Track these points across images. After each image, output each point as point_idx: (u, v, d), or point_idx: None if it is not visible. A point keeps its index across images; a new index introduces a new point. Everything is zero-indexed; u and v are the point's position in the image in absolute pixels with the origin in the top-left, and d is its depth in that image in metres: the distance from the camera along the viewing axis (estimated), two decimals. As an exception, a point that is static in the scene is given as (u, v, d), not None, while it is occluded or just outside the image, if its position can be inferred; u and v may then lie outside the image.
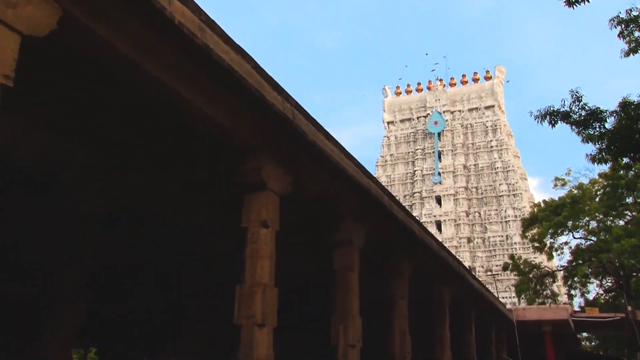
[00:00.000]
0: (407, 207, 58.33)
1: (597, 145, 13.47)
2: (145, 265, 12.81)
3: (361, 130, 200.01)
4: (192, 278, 12.40)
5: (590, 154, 13.93)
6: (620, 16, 13.51)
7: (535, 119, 13.69)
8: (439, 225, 59.37)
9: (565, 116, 13.45)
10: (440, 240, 54.40)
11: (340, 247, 9.29)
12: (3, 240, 10.47)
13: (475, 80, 68.24)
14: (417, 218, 56.75)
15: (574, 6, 12.34)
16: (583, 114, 13.35)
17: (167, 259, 12.25)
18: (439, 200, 60.60)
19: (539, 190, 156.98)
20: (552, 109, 13.61)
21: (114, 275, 13.09)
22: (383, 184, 60.79)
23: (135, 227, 10.39)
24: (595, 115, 13.24)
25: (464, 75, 69.36)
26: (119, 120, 6.74)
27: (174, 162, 7.85)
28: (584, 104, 13.41)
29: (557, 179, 36.50)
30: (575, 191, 33.59)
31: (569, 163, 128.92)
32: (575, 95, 13.50)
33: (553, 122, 13.61)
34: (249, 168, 6.87)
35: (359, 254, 9.47)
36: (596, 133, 13.42)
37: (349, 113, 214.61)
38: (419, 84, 71.45)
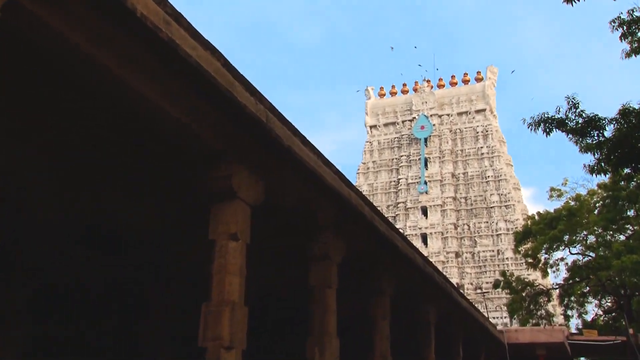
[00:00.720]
0: (390, 219, 58.68)
1: (596, 155, 13.63)
2: (101, 283, 12.68)
3: (341, 135, 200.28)
4: (154, 296, 12.30)
5: (589, 165, 14.10)
6: (622, 17, 13.72)
7: (528, 127, 13.84)
8: (424, 238, 59.65)
9: (560, 124, 13.61)
10: (426, 254, 54.72)
11: (317, 261, 9.29)
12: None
13: (466, 81, 68.80)
14: (401, 230, 56.96)
15: (573, 2, 12.50)
16: (580, 122, 13.52)
17: (127, 276, 12.15)
18: (424, 212, 60.90)
19: (533, 202, 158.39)
20: (546, 116, 13.76)
21: (65, 295, 12.94)
22: (365, 193, 61.05)
23: (91, 241, 10.29)
24: (594, 123, 13.41)
25: (453, 76, 69.90)
26: (73, 123, 6.67)
27: (135, 169, 7.80)
28: (581, 110, 13.58)
29: (552, 189, 36.84)
30: (572, 203, 33.91)
31: (565, 172, 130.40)
32: (572, 101, 13.66)
33: (547, 130, 13.76)
34: (218, 175, 6.85)
35: (337, 269, 9.47)
36: (594, 142, 13.58)
37: (329, 116, 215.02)
38: (404, 85, 71.83)
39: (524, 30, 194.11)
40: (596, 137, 13.60)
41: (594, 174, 14.10)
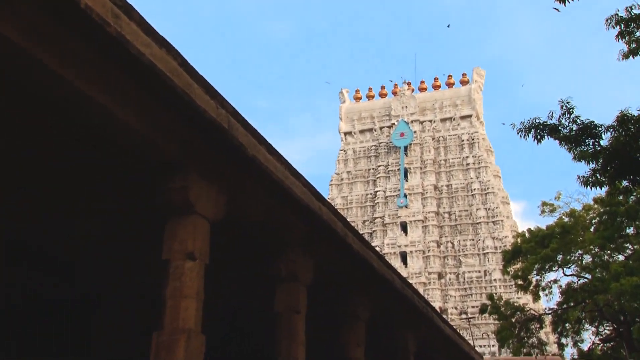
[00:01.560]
0: (366, 235, 58.83)
1: (591, 165, 13.82)
2: (41, 310, 12.53)
3: (313, 142, 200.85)
4: (100, 325, 12.18)
5: (583, 176, 14.29)
6: (619, 14, 13.97)
7: (518, 133, 14.01)
8: (404, 257, 59.89)
9: (553, 130, 13.80)
10: (406, 275, 54.93)
11: (284, 283, 9.28)
12: None
13: (450, 84, 69.43)
14: (378, 248, 57.07)
15: (566, 2, 12.72)
16: (574, 129, 13.71)
17: (70, 302, 12.03)
18: (404, 228, 61.17)
19: (524, 217, 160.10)
20: (537, 121, 13.94)
21: None
22: (338, 206, 61.17)
23: (30, 264, 10.18)
24: (589, 131, 13.61)
25: (436, 79, 70.51)
26: (7, 129, 6.60)
27: (78, 180, 7.73)
28: (576, 116, 13.78)
29: (544, 203, 37.23)
30: (566, 219, 34.27)
31: (558, 185, 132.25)
32: (566, 106, 13.86)
33: (539, 137, 13.95)
34: (173, 187, 6.82)
35: (306, 292, 9.47)
36: (590, 151, 13.77)
37: (299, 121, 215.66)
38: (382, 87, 72.35)
39: (514, 30, 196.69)
40: (591, 146, 13.79)
41: (589, 187, 14.29)
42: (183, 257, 6.68)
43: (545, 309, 37.24)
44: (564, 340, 35.38)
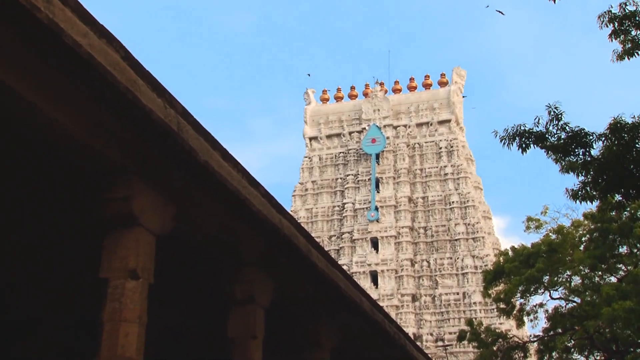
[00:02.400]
0: (332, 252, 58.88)
1: (581, 178, 13.95)
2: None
3: (274, 148, 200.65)
4: (33, 351, 12.03)
5: (572, 189, 14.42)
6: (613, 12, 14.15)
7: (501, 141, 14.10)
8: (374, 277, 60.05)
9: (539, 138, 13.92)
10: (376, 297, 55.02)
11: (239, 305, 9.24)
12: None
13: (427, 85, 69.92)
14: (346, 267, 57.14)
15: None
16: (563, 137, 13.84)
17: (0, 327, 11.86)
18: (375, 244, 61.37)
19: (507, 234, 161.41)
20: (522, 128, 14.04)
21: None
22: (301, 220, 61.17)
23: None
24: (579, 139, 13.74)
25: (411, 79, 70.99)
26: None
27: (6, 191, 7.63)
28: (564, 123, 13.91)
29: (529, 219, 37.51)
30: (554, 236, 34.53)
31: (545, 199, 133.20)
32: (554, 111, 13.98)
33: (524, 145, 14.05)
34: (114, 197, 6.77)
35: (264, 316, 9.43)
36: (579, 161, 13.91)
37: (259, 124, 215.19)
38: (352, 88, 72.61)
39: (498, 27, 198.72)
40: (581, 156, 13.93)
41: (578, 201, 14.41)
42: (124, 275, 6.62)
43: (530, 335, 37.51)
44: (550, 372, 35.62)
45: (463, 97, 69.50)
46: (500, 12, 59.86)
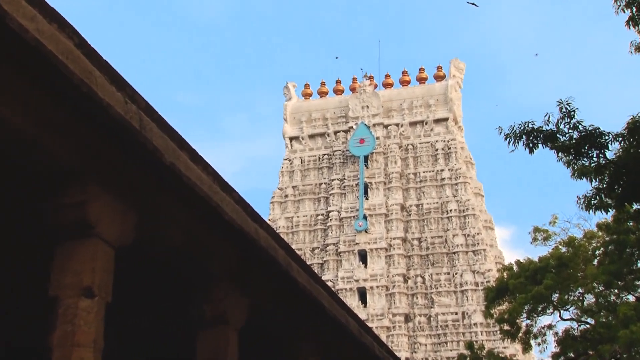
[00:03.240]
0: (315, 267, 58.90)
1: (594, 183, 13.97)
2: None
3: (250, 149, 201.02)
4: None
5: (584, 196, 14.44)
6: (632, -6, 14.16)
7: (506, 139, 14.09)
8: (362, 294, 60.13)
9: (549, 138, 13.93)
10: (365, 317, 55.04)
11: (209, 327, 9.23)
12: None
13: (421, 80, 70.18)
14: (331, 283, 57.14)
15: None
16: (575, 136, 13.85)
17: None
18: (363, 257, 61.46)
19: (512, 246, 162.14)
20: (530, 126, 14.05)
21: None
22: (280, 230, 61.18)
23: None
24: (593, 140, 13.76)
25: (404, 72, 71.24)
26: None
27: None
28: (577, 121, 13.93)
29: (536, 229, 37.60)
30: (564, 249, 34.62)
31: (554, 207, 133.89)
32: (565, 108, 14.00)
33: (532, 145, 14.06)
34: (67, 203, 6.73)
35: (237, 338, 9.41)
36: (593, 165, 13.93)
37: (232, 122, 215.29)
38: (338, 82, 72.82)
39: (501, 15, 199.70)
40: (595, 159, 13.94)
41: (591, 210, 14.44)
42: (77, 293, 6.57)
43: (537, 360, 37.60)
44: (561, 402, 35.67)
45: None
46: (472, 3, 59.54)
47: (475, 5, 59.72)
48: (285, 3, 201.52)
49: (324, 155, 67.91)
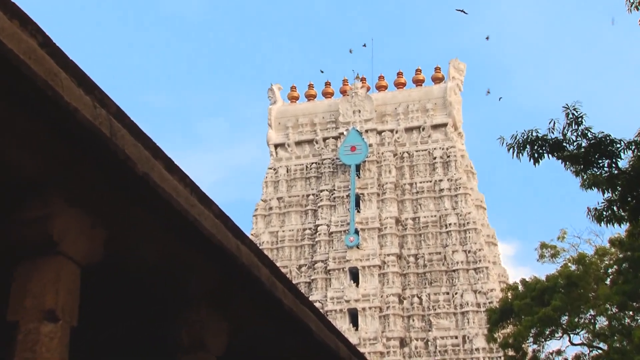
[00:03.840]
0: (302, 286, 58.86)
1: (606, 195, 14.00)
2: None
3: (231, 157, 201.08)
4: None
5: (595, 208, 14.47)
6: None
7: (508, 150, 14.13)
8: (354, 316, 60.12)
9: (555, 147, 13.98)
10: (356, 342, 55.01)
11: (186, 353, 9.20)
12: None
13: (418, 82, 70.39)
14: (319, 304, 57.15)
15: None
16: (584, 145, 13.89)
17: None
18: (355, 276, 61.47)
19: (516, 263, 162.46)
20: (534, 134, 14.09)
21: None
22: (264, 246, 61.19)
23: None
24: (603, 148, 13.81)
25: (399, 74, 71.48)
26: None
27: None
28: (586, 128, 13.98)
29: (544, 245, 37.70)
30: (574, 267, 34.70)
31: (563, 221, 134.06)
32: (573, 113, 14.05)
33: (536, 155, 14.10)
34: (29, 217, 6.70)
35: (217, 366, 9.38)
36: (604, 175, 13.96)
37: (212, 127, 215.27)
38: (327, 84, 72.98)
39: (504, 12, 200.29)
40: (606, 168, 13.99)
41: (603, 223, 14.47)
42: (39, 317, 6.52)
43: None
44: None
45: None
46: (461, 10, 59.74)
47: (464, 12, 59.79)
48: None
49: (312, 163, 68.00)
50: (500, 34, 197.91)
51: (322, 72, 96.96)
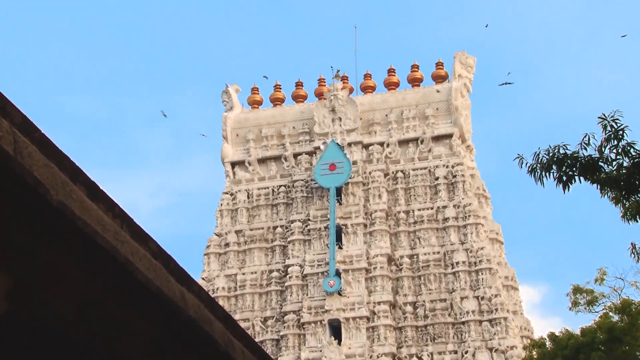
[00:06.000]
0: (268, 345, 58.58)
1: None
2: None
3: (176, 177, 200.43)
4: None
5: (640, 244, 14.53)
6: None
7: (529, 172, 14.15)
8: (335, 382, 59.93)
9: (589, 167, 13.99)
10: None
11: None
12: None
13: (415, 81, 70.55)
14: (291, 368, 56.86)
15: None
16: (625, 165, 13.94)
17: None
18: (336, 331, 61.36)
19: (543, 312, 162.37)
20: (563, 151, 14.12)
21: None
22: (220, 293, 61.00)
23: None
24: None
25: (391, 71, 71.62)
26: None
27: None
28: (628, 144, 14.01)
29: (577, 289, 37.80)
30: (616, 317, 34.82)
31: (601, 259, 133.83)
32: (611, 125, 14.08)
33: (566, 178, 14.12)
34: None
35: None
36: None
37: (151, 139, 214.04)
38: (298, 84, 72.97)
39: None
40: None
41: (652, 263, 14.54)
42: None
43: None
44: None
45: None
46: (507, 83, 59.58)
47: (509, 83, 59.73)
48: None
49: (280, 187, 67.95)
50: (521, 21, 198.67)
51: (265, 77, 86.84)
